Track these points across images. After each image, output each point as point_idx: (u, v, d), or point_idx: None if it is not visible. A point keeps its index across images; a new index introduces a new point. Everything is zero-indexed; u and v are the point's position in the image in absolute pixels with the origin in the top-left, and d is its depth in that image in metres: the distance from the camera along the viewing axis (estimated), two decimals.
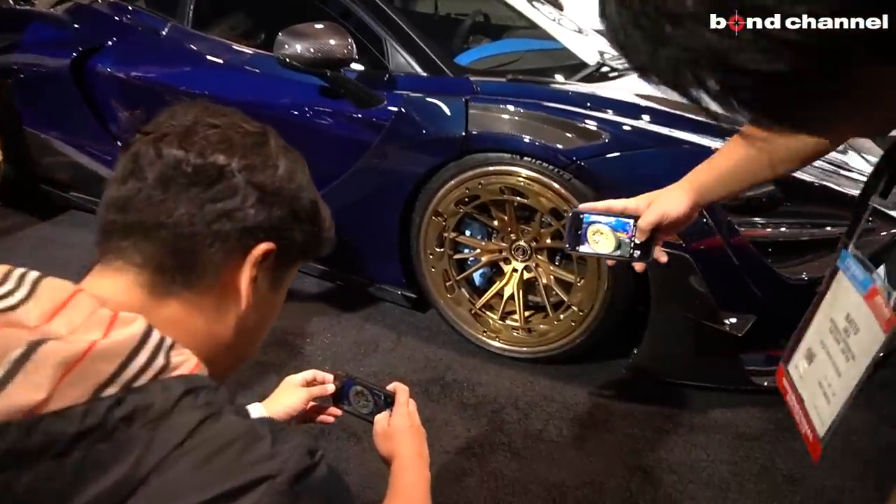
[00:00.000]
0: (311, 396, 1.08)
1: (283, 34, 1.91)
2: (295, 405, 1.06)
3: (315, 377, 1.11)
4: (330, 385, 1.09)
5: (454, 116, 1.79)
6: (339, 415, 1.11)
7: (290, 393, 1.08)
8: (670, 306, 1.70)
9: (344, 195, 2.08)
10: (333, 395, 1.09)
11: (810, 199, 1.80)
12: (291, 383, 1.09)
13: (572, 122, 1.71)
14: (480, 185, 1.81)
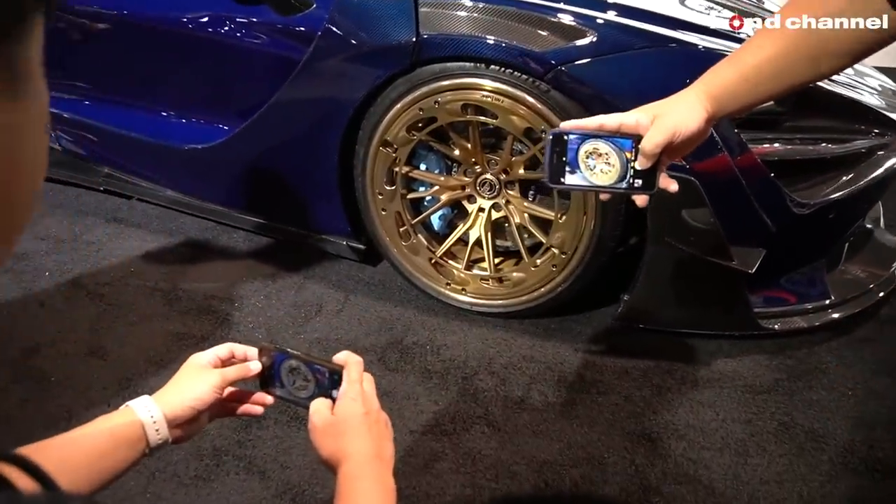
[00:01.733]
0: (228, 381, 0.76)
1: None
2: (203, 395, 0.74)
3: (232, 353, 0.80)
4: (254, 362, 0.78)
5: (400, 17, 1.42)
6: (270, 403, 0.79)
7: (196, 378, 0.76)
8: (669, 241, 1.42)
9: (270, 127, 1.71)
10: (259, 375, 0.78)
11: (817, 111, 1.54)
12: (197, 364, 0.77)
13: (548, 17, 1.37)
14: (437, 105, 1.47)
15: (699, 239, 1.41)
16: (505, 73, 1.39)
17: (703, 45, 1.42)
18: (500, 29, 1.37)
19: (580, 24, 1.36)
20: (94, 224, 2.16)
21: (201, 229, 2.11)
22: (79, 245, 2.04)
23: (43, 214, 2.23)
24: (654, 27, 1.44)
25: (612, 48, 1.35)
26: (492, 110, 1.44)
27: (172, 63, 1.86)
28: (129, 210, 2.24)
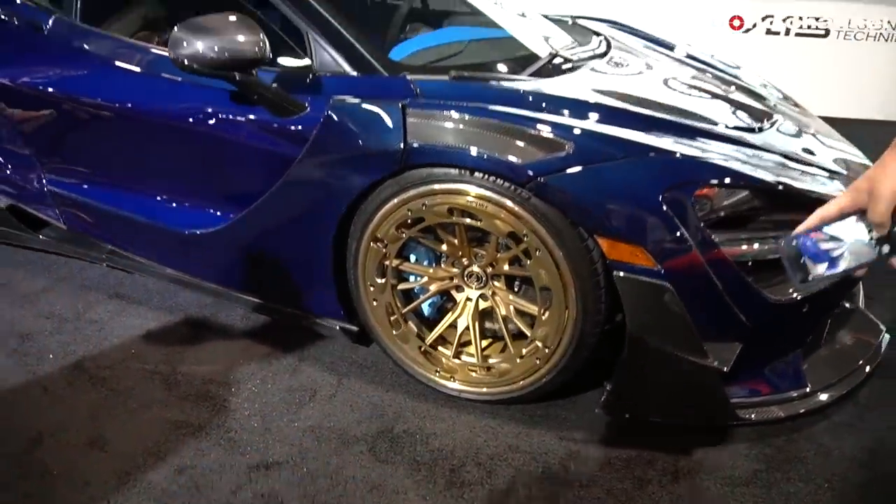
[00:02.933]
0: None
1: (179, 29, 1.58)
2: None
3: None
4: None
5: (390, 126, 1.50)
6: None
7: None
8: (646, 339, 1.48)
9: (267, 217, 1.79)
10: None
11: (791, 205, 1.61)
12: None
13: (528, 129, 1.45)
14: (424, 207, 1.54)
15: (675, 338, 1.46)
16: (488, 181, 1.46)
17: (680, 151, 1.49)
18: (482, 140, 1.45)
19: (559, 135, 1.44)
20: (97, 300, 2.22)
21: (199, 306, 2.18)
22: (81, 324, 2.10)
23: (47, 289, 2.30)
24: (635, 132, 1.52)
25: (591, 159, 1.42)
26: (477, 213, 1.51)
27: (172, 152, 1.95)
28: (131, 284, 2.31)
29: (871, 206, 0.79)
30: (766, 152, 1.70)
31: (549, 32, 2.40)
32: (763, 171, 1.56)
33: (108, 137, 2.06)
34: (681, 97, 2.06)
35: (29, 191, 2.27)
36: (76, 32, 2.12)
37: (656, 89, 2.08)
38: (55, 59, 2.12)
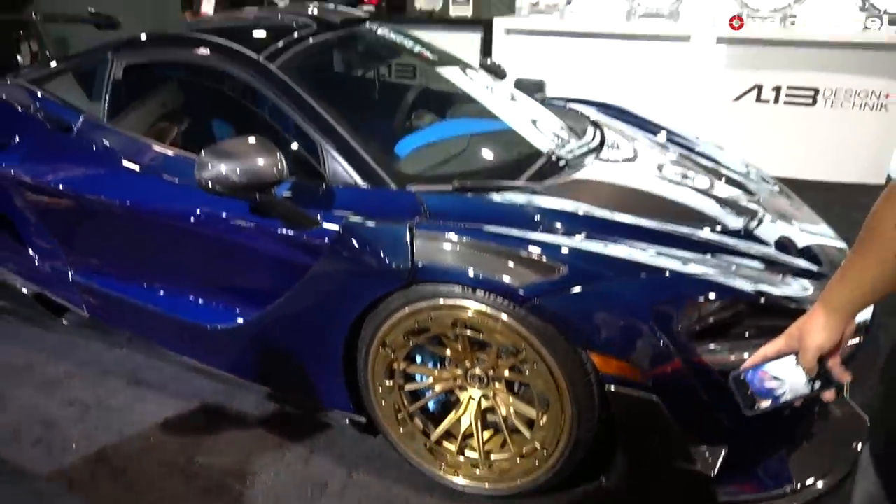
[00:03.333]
0: None
1: (205, 153, 1.72)
2: None
3: None
4: None
5: (399, 246, 1.63)
6: None
7: None
8: (637, 447, 1.59)
9: (283, 319, 1.91)
10: None
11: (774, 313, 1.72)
12: None
13: (523, 252, 1.57)
14: (430, 318, 1.66)
15: (663, 446, 1.57)
16: (488, 298, 1.58)
17: (669, 268, 1.61)
18: (482, 262, 1.57)
19: (553, 258, 1.56)
20: (117, 387, 2.33)
21: (215, 392, 2.28)
22: (103, 412, 2.20)
23: (69, 374, 2.41)
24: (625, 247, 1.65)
25: (583, 281, 1.54)
26: (478, 327, 1.62)
27: (191, 252, 2.08)
28: (149, 369, 2.42)
29: (801, 354, 0.97)
30: (751, 259, 1.82)
31: (545, 122, 2.55)
32: (746, 281, 1.68)
33: (132, 234, 2.19)
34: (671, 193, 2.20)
35: (55, 280, 2.40)
36: (103, 133, 2.27)
37: (648, 185, 2.22)
38: (82, 159, 2.27)
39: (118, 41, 2.43)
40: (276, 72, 2.04)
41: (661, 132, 2.88)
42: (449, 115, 2.71)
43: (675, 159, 2.54)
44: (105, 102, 2.33)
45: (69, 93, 2.50)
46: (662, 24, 4.54)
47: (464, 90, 2.71)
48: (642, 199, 2.13)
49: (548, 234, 1.67)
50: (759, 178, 2.63)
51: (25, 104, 2.45)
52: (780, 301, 1.69)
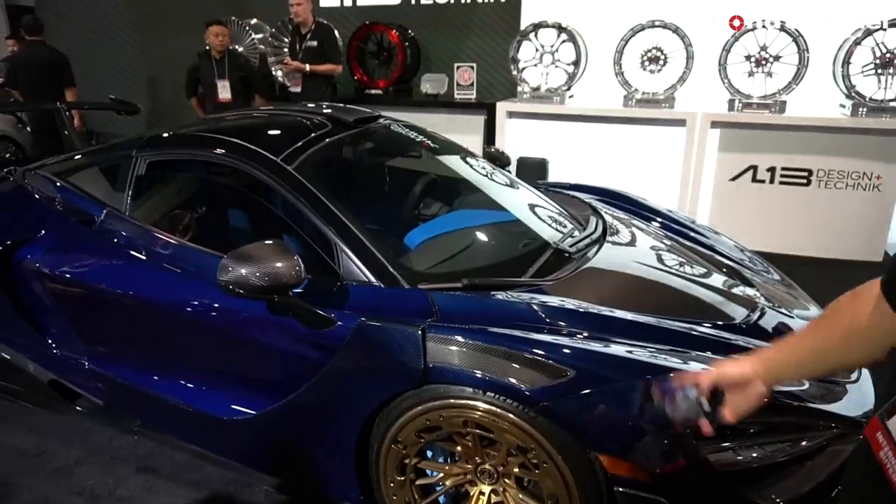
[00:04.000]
0: None
1: (228, 258, 1.81)
2: None
3: None
4: None
5: (412, 348, 1.70)
6: None
7: None
8: None
9: (296, 413, 1.95)
10: None
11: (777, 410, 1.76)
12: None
13: (532, 356, 1.64)
14: (442, 418, 1.71)
15: None
16: (498, 399, 1.63)
17: (672, 367, 1.67)
18: (491, 365, 1.64)
19: (560, 362, 1.62)
20: (127, 474, 2.35)
21: (225, 482, 2.30)
22: (112, 502, 2.21)
23: (80, 461, 2.43)
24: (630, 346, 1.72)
25: (590, 385, 1.59)
26: (489, 427, 1.67)
27: (208, 346, 2.14)
28: (159, 455, 2.44)
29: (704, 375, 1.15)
30: None
31: (548, 212, 2.66)
32: None
33: (149, 326, 2.26)
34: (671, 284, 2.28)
35: (71, 367, 2.45)
36: (125, 227, 2.37)
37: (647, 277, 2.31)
38: (103, 252, 2.36)
39: (142, 139, 2.57)
40: (293, 173, 2.16)
41: (658, 217, 3.00)
42: (456, 204, 2.82)
43: (673, 247, 2.64)
44: (128, 197, 2.45)
45: (92, 185, 2.62)
46: (659, 109, 4.74)
47: (469, 179, 2.84)
48: (643, 293, 2.21)
49: (553, 336, 1.73)
50: (755, 263, 2.72)
51: (50, 197, 2.57)
52: (782, 400, 1.74)
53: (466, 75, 5.55)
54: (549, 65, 5.03)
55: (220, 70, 5.27)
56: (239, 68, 5.40)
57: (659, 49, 4.71)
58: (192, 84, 5.53)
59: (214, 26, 5.21)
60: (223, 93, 5.23)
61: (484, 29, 5.80)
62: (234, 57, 5.45)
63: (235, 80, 5.31)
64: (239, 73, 5.37)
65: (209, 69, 5.30)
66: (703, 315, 2.05)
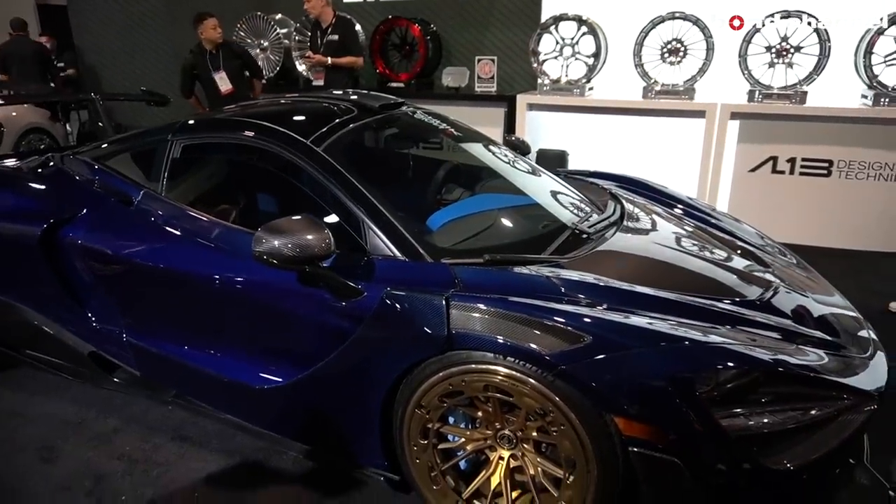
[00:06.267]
0: None
1: (262, 230, 1.91)
2: None
3: None
4: None
5: (436, 316, 1.78)
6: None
7: None
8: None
9: (324, 381, 2.05)
10: None
11: (790, 380, 1.82)
12: None
13: (550, 322, 1.71)
14: (464, 382, 1.79)
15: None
16: (517, 364, 1.71)
17: (689, 337, 1.73)
18: (512, 331, 1.71)
19: (578, 328, 1.70)
20: (162, 442, 2.47)
21: (255, 449, 2.40)
22: (150, 466, 2.33)
23: (118, 429, 2.56)
24: (646, 317, 1.79)
25: (606, 350, 1.67)
26: (509, 391, 1.75)
27: (240, 317, 2.25)
28: (192, 426, 2.55)
29: None
30: (767, 329, 1.93)
31: (567, 196, 2.73)
32: (763, 351, 1.79)
33: (184, 300, 2.37)
34: (689, 265, 2.33)
35: (110, 340, 2.57)
36: (161, 206, 2.49)
37: (666, 257, 2.37)
38: (141, 229, 2.48)
39: (177, 123, 2.68)
40: (322, 154, 2.25)
41: (678, 204, 3.05)
42: (477, 189, 2.90)
43: (692, 231, 2.69)
44: (163, 178, 2.56)
45: (129, 168, 2.75)
46: (678, 100, 4.77)
47: (490, 166, 2.92)
48: (662, 271, 2.27)
49: (572, 306, 1.81)
50: (775, 250, 2.76)
51: (90, 179, 2.69)
52: (797, 370, 1.80)
53: (487, 68, 5.62)
54: (569, 57, 5.08)
55: (216, 62, 5.24)
56: (235, 56, 5.36)
57: (679, 41, 4.74)
58: (189, 82, 5.43)
59: (210, 19, 5.17)
60: (223, 85, 5.23)
61: (504, 22, 5.87)
62: (228, 46, 5.40)
63: (235, 68, 5.29)
64: (236, 60, 5.34)
65: (204, 64, 5.24)
66: (721, 293, 2.11)
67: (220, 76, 5.24)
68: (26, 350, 2.87)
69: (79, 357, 2.67)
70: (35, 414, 2.68)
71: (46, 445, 2.46)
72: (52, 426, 2.58)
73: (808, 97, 4.53)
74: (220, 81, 5.26)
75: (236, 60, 5.37)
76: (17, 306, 2.74)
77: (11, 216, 2.69)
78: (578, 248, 2.23)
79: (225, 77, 5.24)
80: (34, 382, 2.89)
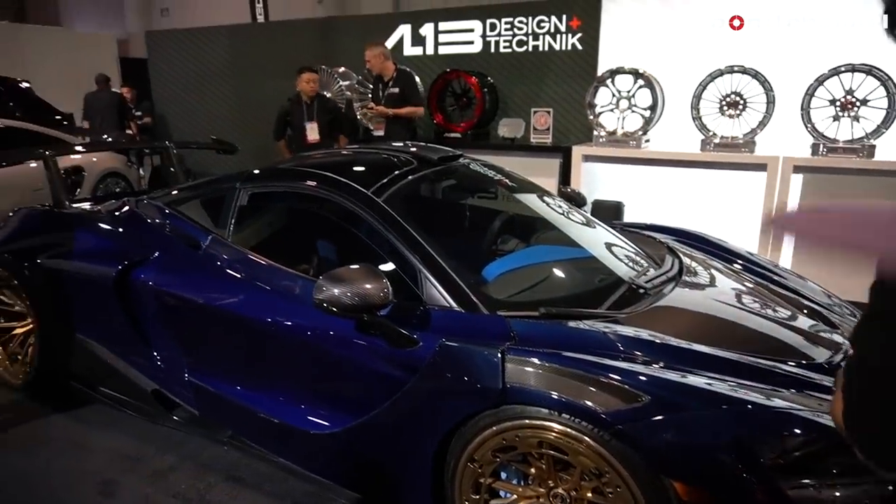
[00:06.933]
0: None
1: (323, 279, 1.97)
2: None
3: None
4: None
5: (491, 369, 1.78)
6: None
7: None
8: None
9: (377, 429, 2.06)
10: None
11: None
12: None
13: (608, 379, 1.69)
14: (518, 438, 1.77)
15: None
16: (573, 421, 1.69)
17: (752, 400, 1.67)
18: (568, 387, 1.70)
19: (636, 386, 1.66)
20: (216, 482, 2.51)
21: (305, 494, 2.41)
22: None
23: (174, 467, 2.61)
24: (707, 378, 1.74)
25: (666, 411, 1.63)
26: (564, 449, 1.72)
27: (297, 361, 2.30)
28: (246, 467, 2.59)
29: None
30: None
31: (624, 250, 2.71)
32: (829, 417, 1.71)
33: (244, 342, 2.44)
34: (750, 323, 2.27)
35: (172, 379, 2.66)
36: (227, 251, 2.59)
37: (727, 315, 2.31)
38: (207, 273, 2.58)
39: (244, 173, 2.81)
40: (382, 204, 2.32)
41: (738, 259, 2.98)
42: (532, 241, 2.91)
43: (753, 288, 2.62)
44: (230, 224, 2.68)
45: (198, 213, 2.88)
46: (738, 153, 4.71)
47: (546, 217, 2.93)
48: (721, 329, 2.21)
49: (629, 363, 1.78)
50: (843, 309, 2.65)
51: (162, 223, 2.84)
52: None
53: (543, 119, 5.70)
54: (625, 110, 5.10)
55: (310, 113, 5.63)
56: (328, 111, 5.75)
57: (738, 94, 4.71)
58: (281, 127, 5.87)
59: (307, 73, 5.59)
60: (311, 134, 5.58)
61: (560, 75, 5.96)
62: (323, 101, 5.81)
63: (324, 122, 5.65)
64: (328, 115, 5.72)
65: (299, 112, 5.66)
66: (785, 354, 2.04)
67: (310, 126, 5.59)
68: (99, 388, 3.00)
69: (143, 394, 2.77)
70: (98, 447, 2.77)
71: (106, 479, 2.53)
72: (112, 460, 2.67)
73: (875, 151, 4.39)
74: (309, 131, 5.60)
75: (327, 115, 5.73)
76: (93, 344, 2.88)
77: (90, 257, 2.85)
78: (636, 304, 2.20)
79: (315, 128, 5.56)
80: (98, 416, 2.99)
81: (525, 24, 6.06)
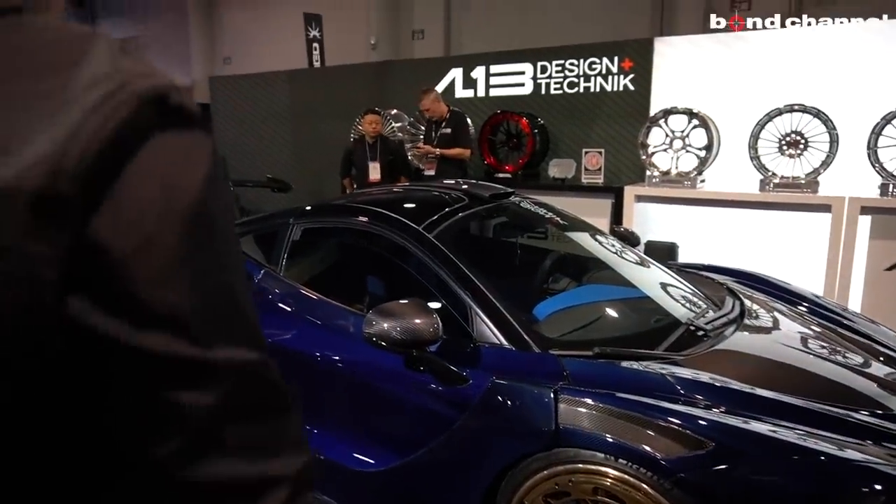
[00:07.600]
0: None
1: (373, 313, 1.96)
2: None
3: None
4: None
5: (543, 409, 1.72)
6: None
7: None
8: None
9: (424, 469, 2.01)
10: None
11: None
12: None
13: (669, 424, 1.60)
14: (571, 483, 1.69)
15: None
16: (630, 467, 1.60)
17: (824, 451, 1.56)
18: (626, 431, 1.62)
19: (699, 432, 1.57)
20: None
21: None
22: None
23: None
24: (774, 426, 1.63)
25: (731, 460, 1.53)
26: (622, 497, 1.63)
27: (347, 397, 2.28)
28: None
29: None
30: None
31: (681, 290, 2.61)
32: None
33: (292, 377, 2.44)
34: (818, 369, 2.14)
35: None
36: (279, 285, 2.62)
37: (792, 359, 2.18)
38: (258, 306, 2.61)
39: (298, 209, 2.86)
40: (433, 241, 2.31)
41: (803, 302, 2.84)
42: (584, 280, 2.85)
43: (821, 332, 2.48)
44: (283, 259, 2.71)
45: (251, 248, 2.94)
46: (800, 193, 4.55)
47: (598, 256, 2.87)
48: (787, 374, 2.09)
49: (689, 407, 1.69)
50: None
51: None
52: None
53: (594, 160, 5.65)
54: (679, 149, 5.02)
55: (373, 153, 5.81)
56: (389, 152, 5.92)
57: (798, 133, 4.57)
58: (346, 165, 6.09)
59: (370, 115, 5.78)
60: (373, 173, 5.73)
61: (612, 115, 5.93)
62: (386, 142, 5.99)
63: (385, 162, 5.82)
64: (389, 156, 5.88)
65: (362, 152, 5.85)
66: (858, 402, 1.90)
67: (373, 165, 5.77)
68: None
69: None
70: None
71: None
72: None
73: None
74: (371, 170, 5.78)
75: (389, 156, 5.91)
76: None
77: None
78: (694, 346, 2.10)
79: (377, 167, 5.74)
80: None
81: (576, 66, 6.08)
